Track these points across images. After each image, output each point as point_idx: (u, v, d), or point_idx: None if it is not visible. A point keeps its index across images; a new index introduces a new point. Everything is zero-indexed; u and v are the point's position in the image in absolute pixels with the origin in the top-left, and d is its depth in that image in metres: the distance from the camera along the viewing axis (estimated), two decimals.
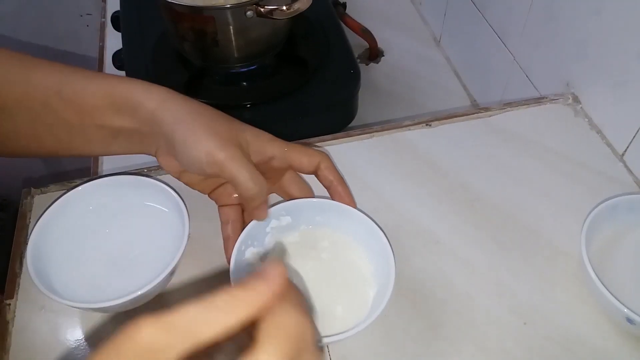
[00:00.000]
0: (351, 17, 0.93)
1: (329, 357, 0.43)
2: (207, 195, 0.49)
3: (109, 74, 0.44)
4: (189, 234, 0.44)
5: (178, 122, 0.42)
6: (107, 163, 0.72)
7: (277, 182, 0.49)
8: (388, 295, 0.41)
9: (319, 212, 0.48)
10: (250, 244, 0.46)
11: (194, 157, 0.42)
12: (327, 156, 0.48)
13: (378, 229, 0.46)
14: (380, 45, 0.93)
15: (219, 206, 0.49)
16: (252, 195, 0.43)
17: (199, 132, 0.42)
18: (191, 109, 0.43)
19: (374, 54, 0.93)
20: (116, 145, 0.45)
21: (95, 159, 0.73)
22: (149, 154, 0.46)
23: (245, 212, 0.48)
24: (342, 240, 0.48)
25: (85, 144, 0.45)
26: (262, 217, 0.45)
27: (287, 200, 0.48)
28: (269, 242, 0.48)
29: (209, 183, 0.48)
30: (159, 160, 0.46)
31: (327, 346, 0.44)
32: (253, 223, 0.46)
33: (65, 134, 0.44)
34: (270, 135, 0.47)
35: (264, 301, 0.24)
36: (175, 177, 0.47)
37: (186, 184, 0.48)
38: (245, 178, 0.42)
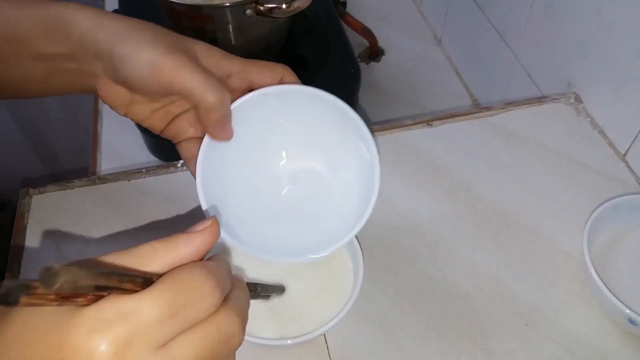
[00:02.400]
0: (351, 16, 0.93)
1: (328, 357, 0.43)
2: (160, 135, 0.43)
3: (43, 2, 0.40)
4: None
5: (115, 38, 0.38)
6: (105, 163, 0.72)
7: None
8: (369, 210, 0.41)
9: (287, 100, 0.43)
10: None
11: (137, 71, 0.37)
12: (289, 69, 0.43)
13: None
14: (380, 44, 0.93)
15: (177, 143, 0.43)
16: (210, 104, 0.37)
17: (141, 43, 0.37)
18: (129, 24, 0.39)
19: (375, 53, 0.93)
20: (54, 80, 0.41)
21: (94, 158, 0.72)
22: (91, 91, 0.42)
23: (206, 131, 0.40)
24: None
25: (24, 80, 0.41)
26: (226, 137, 0.39)
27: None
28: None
29: (160, 115, 0.42)
30: (101, 94, 0.41)
31: (328, 347, 0.44)
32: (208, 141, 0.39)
33: (2, 69, 0.40)
34: (223, 51, 0.41)
35: (178, 260, 0.26)
36: (123, 115, 0.42)
37: (136, 120, 0.42)
38: (199, 83, 0.36)
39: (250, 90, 0.41)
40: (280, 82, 0.42)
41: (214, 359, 0.26)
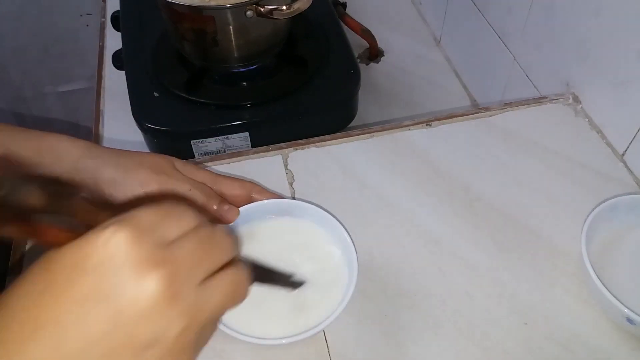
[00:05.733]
0: (351, 17, 0.93)
1: (328, 356, 0.43)
2: None
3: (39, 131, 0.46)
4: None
5: (104, 165, 0.44)
6: None
7: None
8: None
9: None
10: None
11: (129, 191, 0.43)
12: (258, 186, 0.50)
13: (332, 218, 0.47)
14: (380, 45, 0.93)
15: None
16: (202, 202, 0.45)
17: (129, 166, 0.44)
18: (113, 153, 0.45)
19: (374, 53, 0.93)
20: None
21: None
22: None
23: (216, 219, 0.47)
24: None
25: None
26: (232, 218, 0.46)
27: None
28: None
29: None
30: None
31: (328, 346, 0.44)
32: None
33: None
34: (197, 165, 0.49)
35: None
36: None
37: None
38: (185, 189, 0.44)
39: None
40: (249, 196, 0.49)
41: (207, 255, 0.28)
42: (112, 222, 0.25)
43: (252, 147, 0.73)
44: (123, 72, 0.79)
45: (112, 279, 0.24)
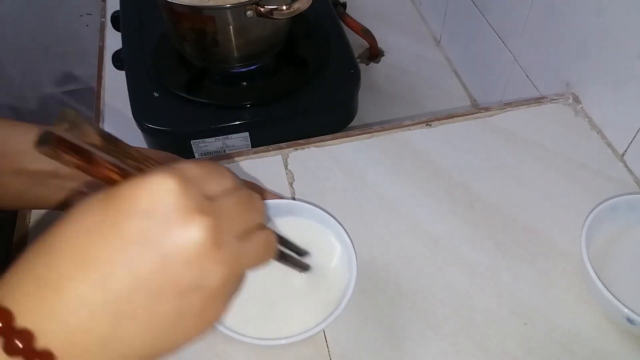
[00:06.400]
0: (351, 17, 0.93)
1: (328, 356, 0.43)
2: None
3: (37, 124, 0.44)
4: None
5: None
6: None
7: None
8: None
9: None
10: None
11: None
12: (257, 184, 0.50)
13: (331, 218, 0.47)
14: (380, 45, 0.93)
15: None
16: None
17: None
18: None
19: (374, 53, 0.93)
20: (30, 194, 0.44)
21: None
22: (67, 206, 0.44)
23: None
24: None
25: None
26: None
27: None
28: None
29: None
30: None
31: (328, 345, 0.44)
32: None
33: None
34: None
35: None
36: None
37: None
38: None
39: None
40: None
41: (246, 213, 0.29)
42: (162, 171, 0.26)
43: (252, 147, 0.73)
44: (123, 72, 0.79)
45: (161, 223, 0.25)
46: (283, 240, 0.42)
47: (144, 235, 0.25)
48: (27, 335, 0.24)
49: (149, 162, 0.30)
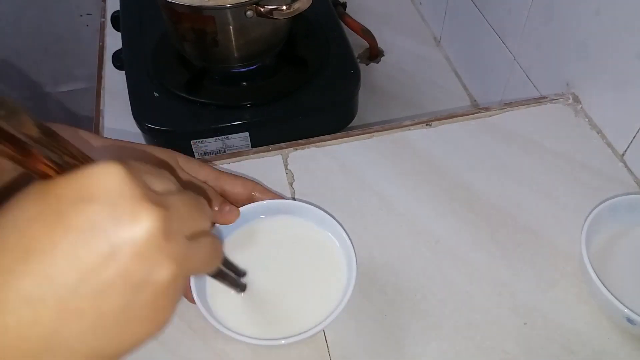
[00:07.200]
0: (351, 17, 0.93)
1: (328, 356, 0.43)
2: None
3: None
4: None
5: (103, 159, 0.42)
6: None
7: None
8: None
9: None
10: None
11: None
12: (260, 186, 0.49)
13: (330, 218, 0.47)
14: (380, 45, 0.93)
15: None
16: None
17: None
18: (115, 145, 0.44)
19: (374, 53, 0.93)
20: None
21: None
22: None
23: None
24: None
25: None
26: (232, 219, 0.45)
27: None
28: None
29: None
30: None
31: (328, 345, 0.44)
32: None
33: None
34: (200, 161, 0.48)
35: None
36: None
37: None
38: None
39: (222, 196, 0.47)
40: (251, 195, 0.48)
41: (195, 213, 0.28)
42: (107, 161, 0.25)
43: (252, 147, 0.73)
44: (123, 72, 0.79)
45: (108, 211, 0.24)
46: (224, 259, 0.41)
47: (90, 224, 0.23)
48: None
49: (88, 160, 0.28)
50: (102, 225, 0.23)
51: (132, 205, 0.24)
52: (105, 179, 0.24)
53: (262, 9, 0.66)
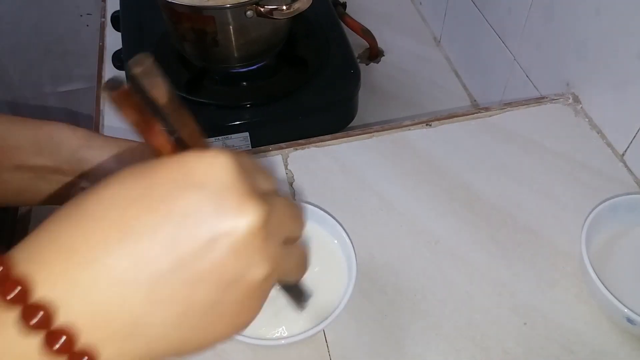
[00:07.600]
0: (351, 17, 0.93)
1: (328, 356, 0.43)
2: None
3: (37, 120, 0.43)
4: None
5: (104, 157, 0.42)
6: None
7: None
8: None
9: None
10: None
11: None
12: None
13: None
14: (380, 45, 0.93)
15: None
16: None
17: (131, 160, 0.41)
18: (115, 144, 0.43)
19: (374, 53, 0.93)
20: (33, 190, 0.43)
21: None
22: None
23: None
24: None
25: None
26: None
27: None
28: None
29: None
30: None
31: (328, 345, 0.44)
32: None
33: None
34: None
35: None
36: None
37: None
38: None
39: None
40: None
41: (292, 219, 0.27)
42: (218, 149, 0.24)
43: (252, 147, 0.73)
44: (123, 72, 0.79)
45: (214, 201, 0.23)
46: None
47: (194, 212, 0.22)
48: (46, 309, 0.21)
49: (200, 143, 0.27)
50: (206, 215, 0.23)
51: (239, 198, 0.23)
52: (215, 168, 0.23)
53: (262, 9, 0.66)
